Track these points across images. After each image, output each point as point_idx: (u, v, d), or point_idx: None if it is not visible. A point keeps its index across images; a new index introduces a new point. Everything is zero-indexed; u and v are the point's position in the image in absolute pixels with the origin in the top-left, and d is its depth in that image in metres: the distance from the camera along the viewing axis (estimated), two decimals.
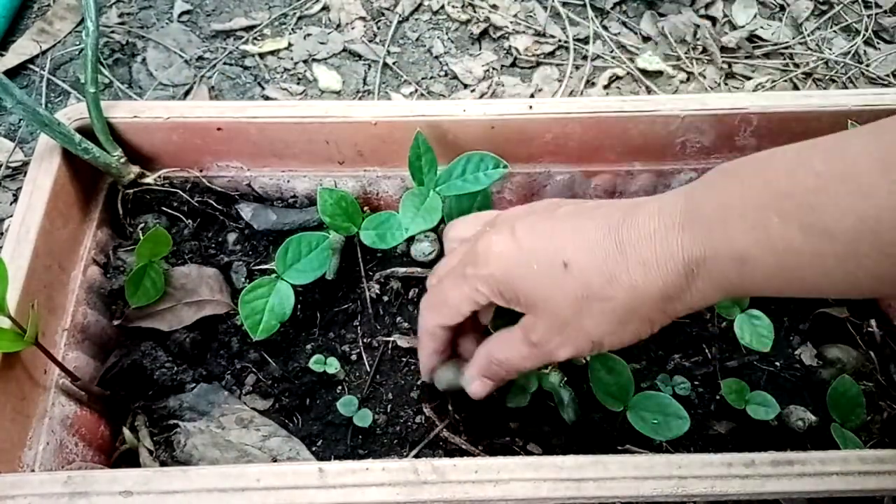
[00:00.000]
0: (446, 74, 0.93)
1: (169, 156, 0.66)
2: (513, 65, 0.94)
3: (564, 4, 0.99)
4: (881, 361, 0.65)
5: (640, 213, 0.42)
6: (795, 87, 0.93)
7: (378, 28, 0.97)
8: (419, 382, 0.63)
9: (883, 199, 0.32)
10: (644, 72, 0.93)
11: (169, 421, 0.60)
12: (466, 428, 0.60)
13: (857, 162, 0.33)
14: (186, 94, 0.90)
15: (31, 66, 0.91)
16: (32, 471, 0.51)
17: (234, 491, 0.45)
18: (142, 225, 0.66)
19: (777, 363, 0.65)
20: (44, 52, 0.92)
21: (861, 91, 0.65)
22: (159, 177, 0.66)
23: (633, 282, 0.41)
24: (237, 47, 0.94)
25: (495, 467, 0.46)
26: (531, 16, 0.99)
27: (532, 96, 0.91)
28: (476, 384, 0.52)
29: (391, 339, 0.65)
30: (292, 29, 0.96)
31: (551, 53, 0.95)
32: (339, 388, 0.63)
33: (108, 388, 0.60)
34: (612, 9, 1.00)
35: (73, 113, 0.62)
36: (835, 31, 0.99)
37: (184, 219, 0.67)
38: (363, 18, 0.98)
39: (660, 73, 0.93)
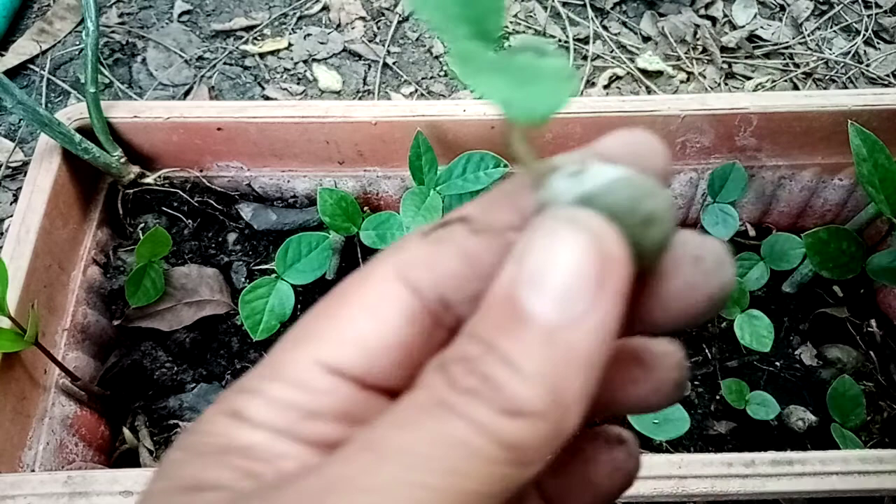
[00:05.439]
0: (446, 74, 0.93)
1: (169, 156, 0.66)
2: None
3: (564, 4, 0.99)
4: (881, 361, 0.65)
5: None
6: (795, 87, 0.93)
7: (378, 28, 0.97)
8: None
9: None
10: (644, 72, 0.93)
11: (169, 421, 0.60)
12: None
13: None
14: (186, 94, 0.90)
15: (31, 66, 0.91)
16: (32, 471, 0.51)
17: None
18: (142, 225, 0.66)
19: (777, 363, 0.65)
20: (44, 52, 0.92)
21: (861, 91, 0.65)
22: (159, 177, 0.66)
23: None
24: (237, 47, 0.94)
25: None
26: (531, 16, 0.99)
27: None
28: None
29: None
30: (292, 29, 0.96)
31: None
32: None
33: (108, 388, 0.60)
34: (612, 9, 1.00)
35: (73, 113, 0.62)
36: (835, 31, 0.99)
37: (184, 219, 0.67)
38: (363, 18, 0.98)
39: (660, 73, 0.93)
